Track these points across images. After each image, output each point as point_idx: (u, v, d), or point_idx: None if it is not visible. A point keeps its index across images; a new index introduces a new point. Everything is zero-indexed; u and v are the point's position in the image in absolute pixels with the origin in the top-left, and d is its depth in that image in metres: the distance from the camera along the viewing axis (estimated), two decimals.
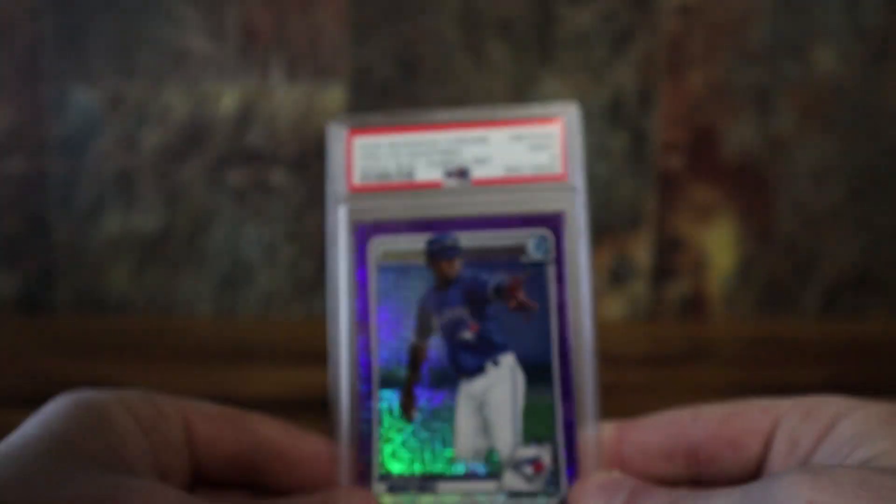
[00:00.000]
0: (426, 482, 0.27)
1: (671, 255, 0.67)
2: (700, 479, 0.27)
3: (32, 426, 0.23)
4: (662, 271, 0.67)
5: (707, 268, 0.67)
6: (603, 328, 0.30)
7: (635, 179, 0.66)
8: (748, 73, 0.65)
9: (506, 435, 0.27)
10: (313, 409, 0.53)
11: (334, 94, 0.65)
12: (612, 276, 0.67)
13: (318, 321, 0.68)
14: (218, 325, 0.66)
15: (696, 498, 0.22)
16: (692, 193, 0.66)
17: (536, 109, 0.29)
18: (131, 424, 0.25)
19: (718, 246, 0.67)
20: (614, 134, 0.65)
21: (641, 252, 0.67)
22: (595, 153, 0.65)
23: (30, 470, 0.21)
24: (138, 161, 0.65)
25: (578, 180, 0.29)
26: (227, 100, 0.64)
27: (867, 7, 0.64)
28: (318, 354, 0.62)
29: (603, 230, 0.66)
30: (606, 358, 0.31)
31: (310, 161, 0.65)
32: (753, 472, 0.26)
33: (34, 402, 0.25)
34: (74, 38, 0.64)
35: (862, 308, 0.68)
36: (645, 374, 0.56)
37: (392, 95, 0.64)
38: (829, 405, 0.25)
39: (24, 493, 0.20)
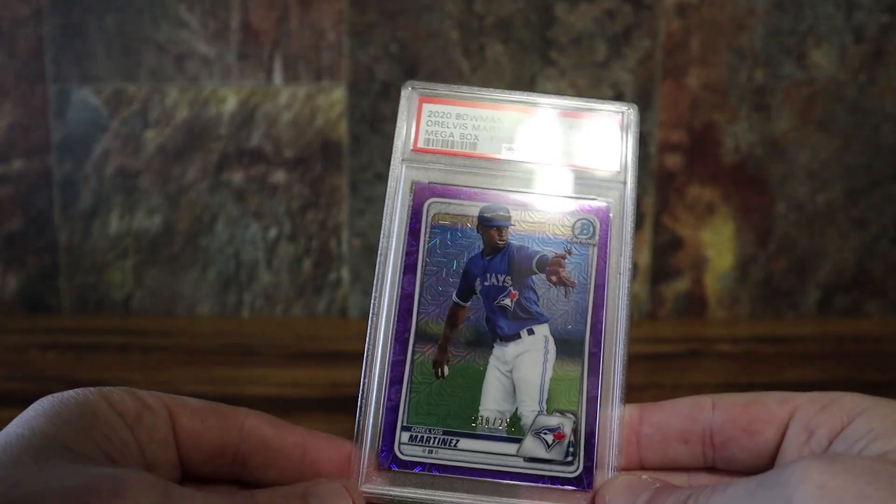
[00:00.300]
0: (448, 437, 0.28)
1: (670, 255, 0.67)
2: (714, 467, 0.27)
3: (15, 426, 0.23)
4: (661, 271, 0.68)
5: (705, 267, 0.68)
6: None
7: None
8: (746, 74, 0.65)
9: (531, 401, 0.28)
10: (313, 408, 0.53)
11: (334, 95, 0.65)
12: None
13: (319, 321, 0.68)
14: (219, 324, 0.66)
15: (714, 490, 0.23)
16: (691, 193, 0.67)
17: (598, 105, 0.31)
18: (115, 419, 0.25)
19: (717, 246, 0.67)
20: None
21: (641, 252, 0.67)
22: None
23: (10, 466, 0.21)
24: (140, 161, 0.65)
25: (628, 175, 0.30)
26: (228, 101, 0.65)
27: (864, 8, 0.64)
28: (318, 354, 0.62)
29: None
30: None
31: (310, 161, 0.66)
32: (767, 463, 0.27)
33: (35, 401, 0.25)
34: (77, 39, 0.64)
35: (859, 307, 0.68)
36: (644, 373, 0.57)
37: (392, 95, 0.65)
38: (847, 400, 0.25)
39: (5, 488, 0.20)
